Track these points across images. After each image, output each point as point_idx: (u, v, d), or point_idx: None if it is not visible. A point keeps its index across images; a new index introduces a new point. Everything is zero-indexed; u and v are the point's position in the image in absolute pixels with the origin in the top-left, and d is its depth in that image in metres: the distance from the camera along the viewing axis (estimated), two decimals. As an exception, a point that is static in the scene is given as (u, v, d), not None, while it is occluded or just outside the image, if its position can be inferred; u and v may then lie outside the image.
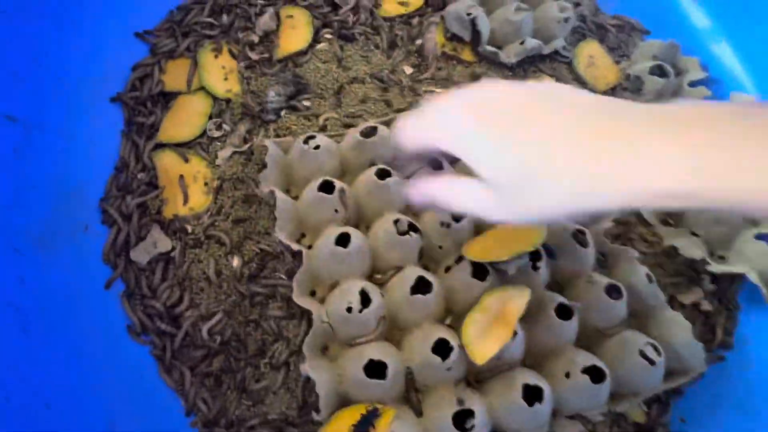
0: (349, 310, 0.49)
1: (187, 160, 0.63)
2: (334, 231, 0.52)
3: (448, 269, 0.54)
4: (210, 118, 0.66)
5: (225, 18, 0.71)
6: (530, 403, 0.46)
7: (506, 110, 0.34)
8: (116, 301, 0.57)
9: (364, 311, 0.49)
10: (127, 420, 0.51)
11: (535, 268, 0.53)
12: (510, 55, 0.71)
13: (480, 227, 0.56)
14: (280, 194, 0.55)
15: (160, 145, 0.64)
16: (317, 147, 0.57)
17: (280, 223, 0.54)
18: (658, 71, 0.70)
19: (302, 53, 0.70)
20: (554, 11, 0.72)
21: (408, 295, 0.50)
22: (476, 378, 0.51)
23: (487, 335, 0.48)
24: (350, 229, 0.53)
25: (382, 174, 0.55)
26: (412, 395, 0.50)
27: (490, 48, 0.71)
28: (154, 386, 0.54)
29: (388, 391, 0.49)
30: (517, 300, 0.49)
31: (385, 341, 0.51)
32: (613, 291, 0.53)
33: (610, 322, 0.54)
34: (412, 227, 0.54)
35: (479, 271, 0.52)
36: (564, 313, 0.51)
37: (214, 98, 0.67)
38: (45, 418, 0.47)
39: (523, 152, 0.32)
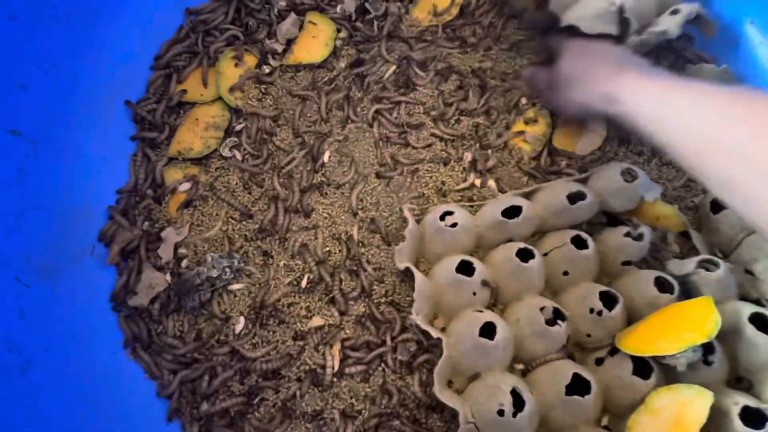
0: (501, 413, 0.44)
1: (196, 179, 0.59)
2: (476, 319, 0.48)
3: (599, 361, 0.49)
4: (227, 132, 0.62)
5: (246, 23, 0.66)
6: None
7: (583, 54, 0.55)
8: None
9: (519, 416, 0.44)
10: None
11: (708, 362, 0.46)
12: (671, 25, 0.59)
13: (632, 316, 0.51)
14: (419, 275, 0.51)
15: (173, 159, 0.61)
16: (454, 225, 0.53)
17: (418, 305, 0.50)
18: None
19: (315, 66, 0.65)
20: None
21: (563, 395, 0.45)
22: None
23: (661, 444, 0.40)
24: (495, 318, 0.48)
25: (525, 255, 0.51)
26: None
27: (656, 29, 0.59)
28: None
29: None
30: (697, 405, 0.42)
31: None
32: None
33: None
34: (558, 314, 0.49)
35: (641, 367, 0.46)
36: (756, 419, 0.43)
37: (233, 110, 0.63)
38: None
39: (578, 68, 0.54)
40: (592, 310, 0.50)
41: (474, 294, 0.51)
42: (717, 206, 0.58)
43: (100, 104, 0.58)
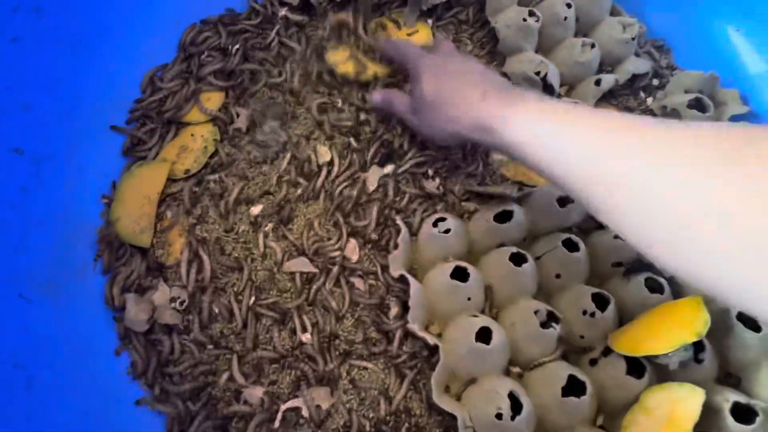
0: (499, 416, 0.45)
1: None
2: (472, 324, 0.49)
3: (593, 362, 0.50)
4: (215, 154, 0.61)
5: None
6: None
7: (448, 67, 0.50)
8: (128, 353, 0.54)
9: (517, 419, 0.45)
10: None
11: (699, 360, 0.48)
12: (588, 98, 0.67)
13: (624, 317, 0.52)
14: (414, 282, 0.52)
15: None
16: (447, 231, 0.54)
17: (414, 313, 0.50)
18: (696, 104, 0.66)
19: None
20: (617, 32, 0.68)
21: (558, 396, 0.46)
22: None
23: (656, 442, 0.41)
24: (491, 322, 0.49)
25: (518, 259, 0.52)
26: None
27: (568, 99, 0.67)
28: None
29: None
30: (690, 402, 0.43)
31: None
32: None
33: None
34: (552, 317, 0.50)
35: (634, 366, 0.47)
36: (746, 414, 0.44)
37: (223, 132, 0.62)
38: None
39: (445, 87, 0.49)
40: (584, 312, 0.51)
41: (469, 299, 0.52)
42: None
43: (101, 122, 0.60)
